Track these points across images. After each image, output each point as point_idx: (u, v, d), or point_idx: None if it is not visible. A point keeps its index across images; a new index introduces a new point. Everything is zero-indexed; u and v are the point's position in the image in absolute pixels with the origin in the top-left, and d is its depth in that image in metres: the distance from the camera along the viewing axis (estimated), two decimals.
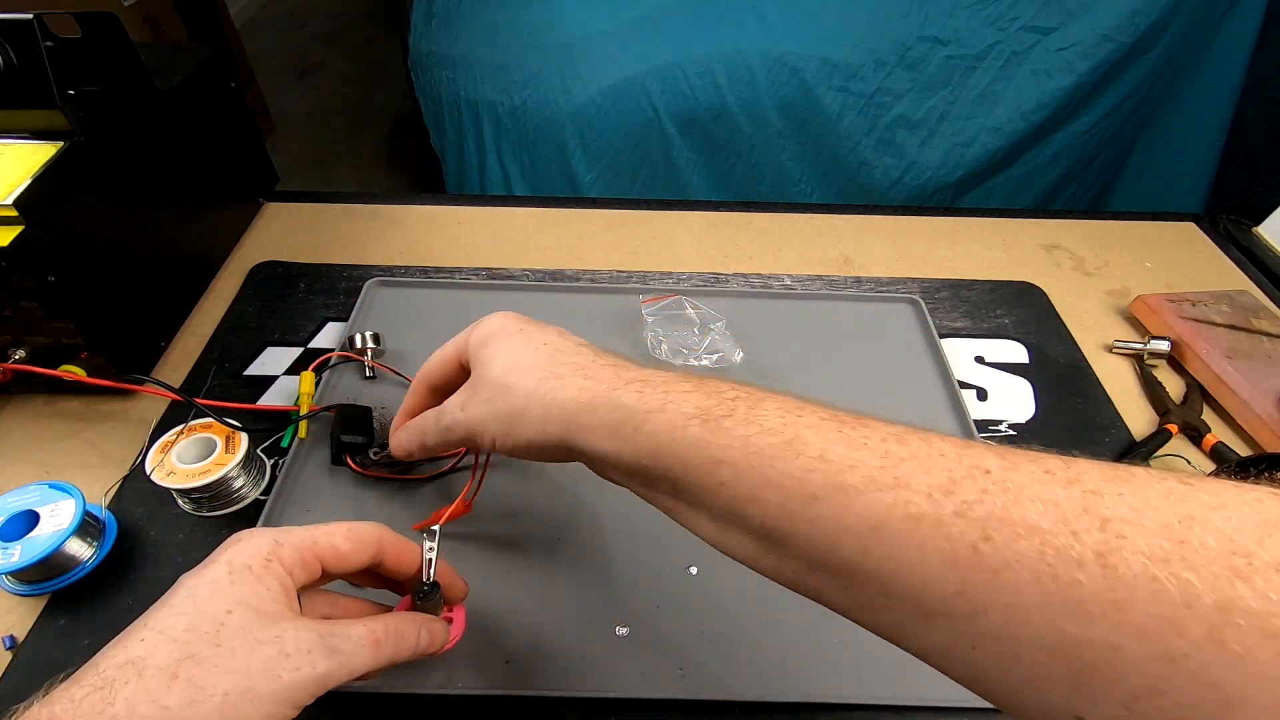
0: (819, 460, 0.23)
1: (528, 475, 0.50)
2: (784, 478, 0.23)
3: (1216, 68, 1.41)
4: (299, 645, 0.26)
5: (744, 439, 0.25)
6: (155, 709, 0.23)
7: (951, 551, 0.20)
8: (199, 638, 0.25)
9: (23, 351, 0.51)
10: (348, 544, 0.31)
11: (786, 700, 0.40)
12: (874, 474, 0.22)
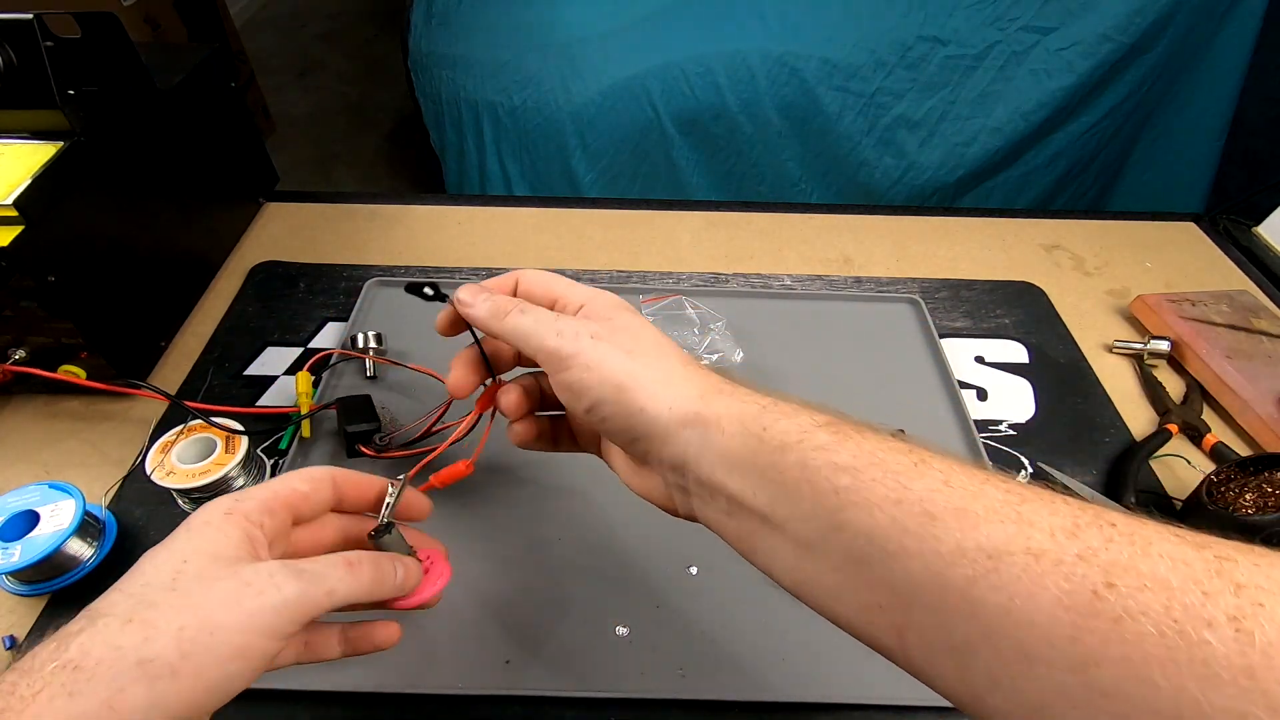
0: (943, 483, 0.23)
1: (528, 476, 0.50)
2: (905, 492, 0.23)
3: (1216, 68, 1.41)
4: (260, 574, 0.25)
5: (871, 450, 0.25)
6: (108, 649, 0.22)
7: (1070, 592, 0.19)
8: (155, 588, 0.24)
9: (23, 351, 0.51)
10: (306, 484, 0.31)
11: (786, 700, 0.40)
12: (997, 505, 0.22)
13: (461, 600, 0.44)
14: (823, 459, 0.25)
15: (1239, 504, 0.45)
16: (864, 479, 0.24)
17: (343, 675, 0.40)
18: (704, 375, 0.31)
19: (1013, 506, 0.22)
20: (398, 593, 0.31)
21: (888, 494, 0.23)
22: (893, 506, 0.23)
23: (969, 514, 0.22)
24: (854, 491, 0.24)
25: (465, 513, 0.48)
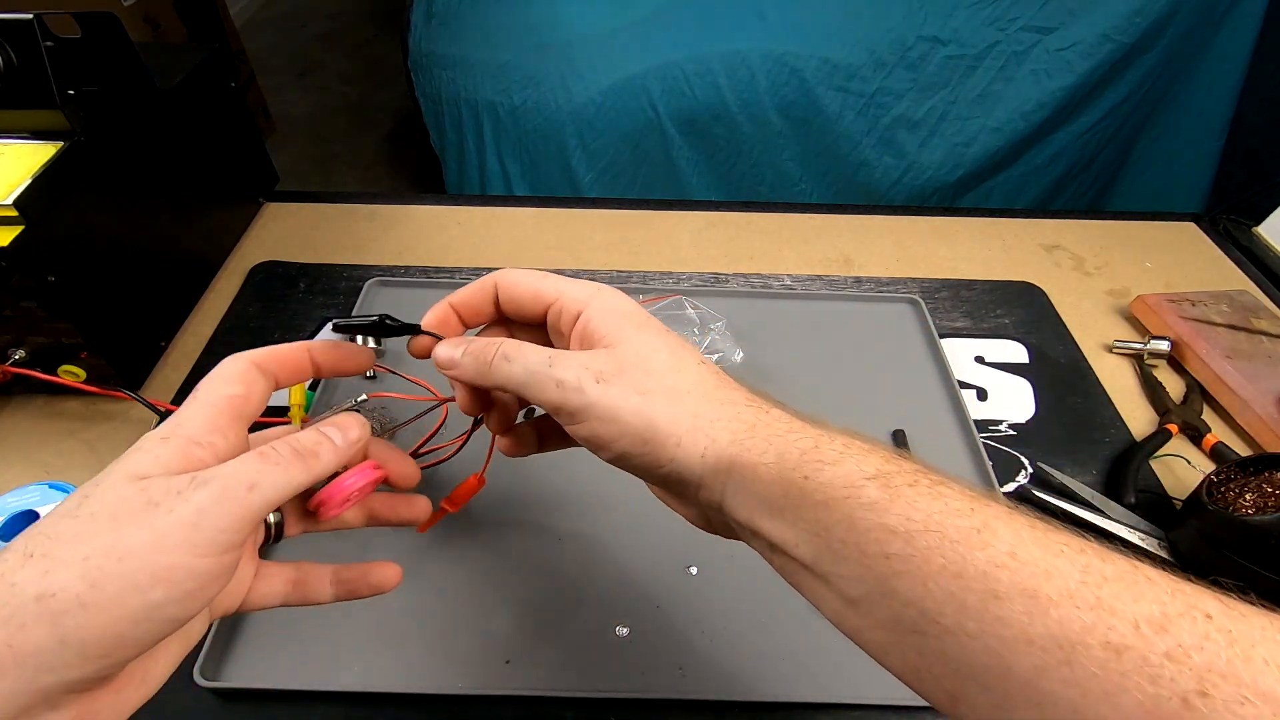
0: (1009, 556, 0.20)
1: (528, 477, 0.50)
2: (965, 565, 0.21)
3: (1216, 68, 1.41)
4: (167, 490, 0.22)
5: (926, 514, 0.22)
6: (3, 587, 0.20)
7: (1155, 696, 0.17)
8: (57, 519, 0.22)
9: (22, 352, 0.51)
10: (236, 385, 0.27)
11: (786, 700, 0.40)
12: (1072, 586, 0.19)
13: (461, 600, 0.44)
14: (871, 520, 0.23)
15: (1239, 504, 0.45)
16: (918, 546, 0.22)
17: (343, 675, 0.40)
18: (734, 407, 0.27)
19: (1091, 589, 0.19)
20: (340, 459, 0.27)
21: (945, 565, 0.21)
22: (951, 580, 0.21)
23: (1040, 597, 0.19)
24: (906, 560, 0.22)
25: (465, 513, 0.48)
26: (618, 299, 0.30)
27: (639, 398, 0.26)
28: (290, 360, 0.29)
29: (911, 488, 0.23)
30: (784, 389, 0.58)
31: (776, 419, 0.27)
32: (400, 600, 0.43)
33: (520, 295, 0.31)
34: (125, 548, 0.21)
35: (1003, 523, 0.22)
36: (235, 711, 0.39)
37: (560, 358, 0.28)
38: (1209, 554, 0.45)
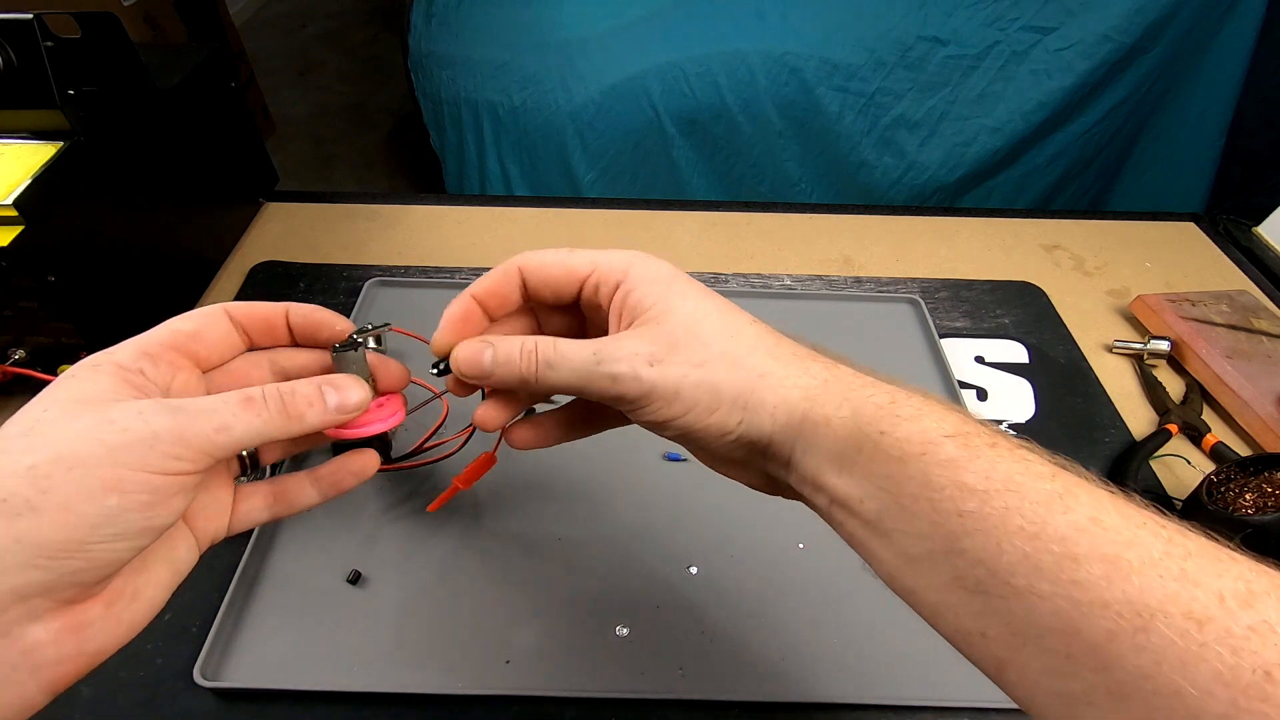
0: (1091, 522, 0.20)
1: (528, 477, 0.50)
2: (1043, 527, 0.20)
3: (1216, 68, 1.41)
4: (128, 412, 0.22)
5: (1007, 474, 0.22)
6: None
7: (1235, 668, 0.17)
8: (9, 438, 0.22)
9: (22, 352, 0.51)
10: (190, 322, 0.27)
11: (786, 700, 0.40)
12: (1155, 556, 0.19)
13: (461, 600, 0.44)
14: (947, 477, 0.22)
15: (1239, 504, 0.45)
16: (995, 505, 0.21)
17: (343, 675, 0.40)
18: (801, 363, 0.26)
19: (1175, 560, 0.19)
20: (327, 422, 0.27)
21: (1023, 526, 0.20)
22: (1027, 541, 0.20)
23: (1120, 563, 0.19)
24: (982, 518, 0.21)
25: (465, 513, 0.48)
26: (656, 265, 0.28)
27: (698, 371, 0.26)
28: (263, 316, 0.29)
29: (992, 448, 0.23)
30: None
31: (846, 374, 0.26)
32: (400, 600, 0.44)
33: (551, 275, 0.29)
34: (74, 458, 0.21)
35: (1085, 491, 0.21)
36: (235, 711, 0.39)
37: (606, 348, 0.26)
38: None
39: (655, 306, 0.27)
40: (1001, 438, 0.23)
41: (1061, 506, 0.21)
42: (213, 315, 0.27)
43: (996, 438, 0.23)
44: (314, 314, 0.30)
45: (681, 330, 0.26)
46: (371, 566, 0.45)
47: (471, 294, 0.30)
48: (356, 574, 0.44)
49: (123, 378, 0.24)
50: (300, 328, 0.30)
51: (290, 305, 0.29)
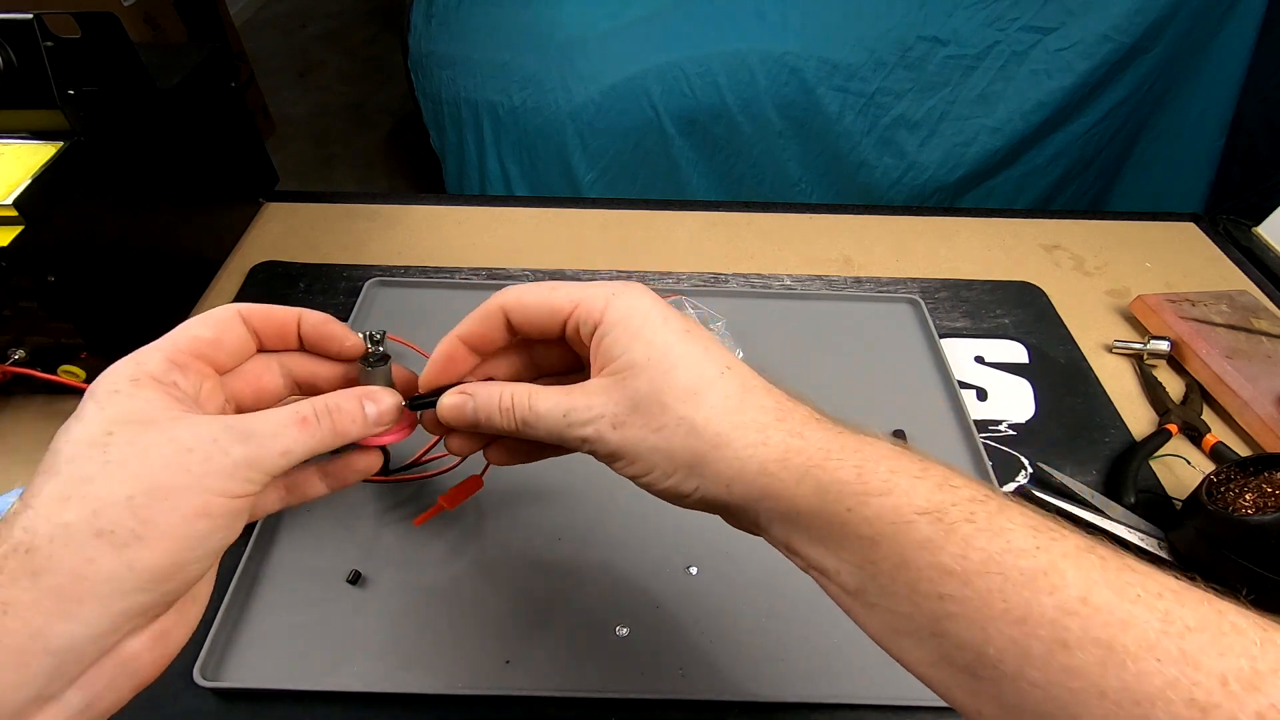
0: (1080, 603, 0.19)
1: (528, 476, 0.50)
2: (1029, 610, 0.19)
3: (1216, 68, 1.41)
4: (201, 437, 0.23)
5: (985, 553, 0.20)
6: (56, 528, 0.21)
7: None
8: (83, 464, 0.22)
9: (22, 352, 0.51)
10: (209, 328, 0.27)
11: (786, 700, 0.40)
12: (1151, 637, 0.18)
13: (461, 600, 0.44)
14: (924, 559, 0.21)
15: (1239, 504, 0.45)
16: (976, 588, 0.20)
17: (343, 675, 0.40)
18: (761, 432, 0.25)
19: (1173, 640, 0.18)
20: (366, 434, 0.28)
21: (1008, 609, 0.20)
22: (1013, 625, 0.19)
23: (1116, 648, 0.18)
24: (962, 602, 0.20)
25: (465, 513, 0.48)
26: (631, 303, 0.27)
27: (655, 436, 0.25)
28: (277, 321, 0.29)
29: (969, 523, 0.21)
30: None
31: (812, 441, 0.24)
32: (400, 600, 0.44)
33: (534, 315, 0.29)
34: (166, 489, 0.22)
35: (1071, 562, 0.20)
36: (235, 711, 0.39)
37: (576, 409, 0.27)
38: (1209, 554, 0.45)
39: (623, 357, 0.26)
40: (979, 505, 0.22)
41: (1047, 586, 0.20)
42: (230, 321, 0.28)
43: (974, 507, 0.22)
44: (326, 325, 0.30)
45: (644, 389, 0.26)
46: (371, 566, 0.45)
47: (457, 335, 0.30)
48: (356, 574, 0.44)
49: (164, 392, 0.25)
50: (310, 337, 0.30)
51: (303, 313, 0.30)
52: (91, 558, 0.21)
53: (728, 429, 0.25)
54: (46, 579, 0.21)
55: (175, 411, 0.24)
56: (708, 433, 0.25)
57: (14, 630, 0.20)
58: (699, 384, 0.26)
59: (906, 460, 0.24)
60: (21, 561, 0.21)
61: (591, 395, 0.27)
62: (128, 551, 0.21)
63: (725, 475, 0.25)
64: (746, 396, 0.26)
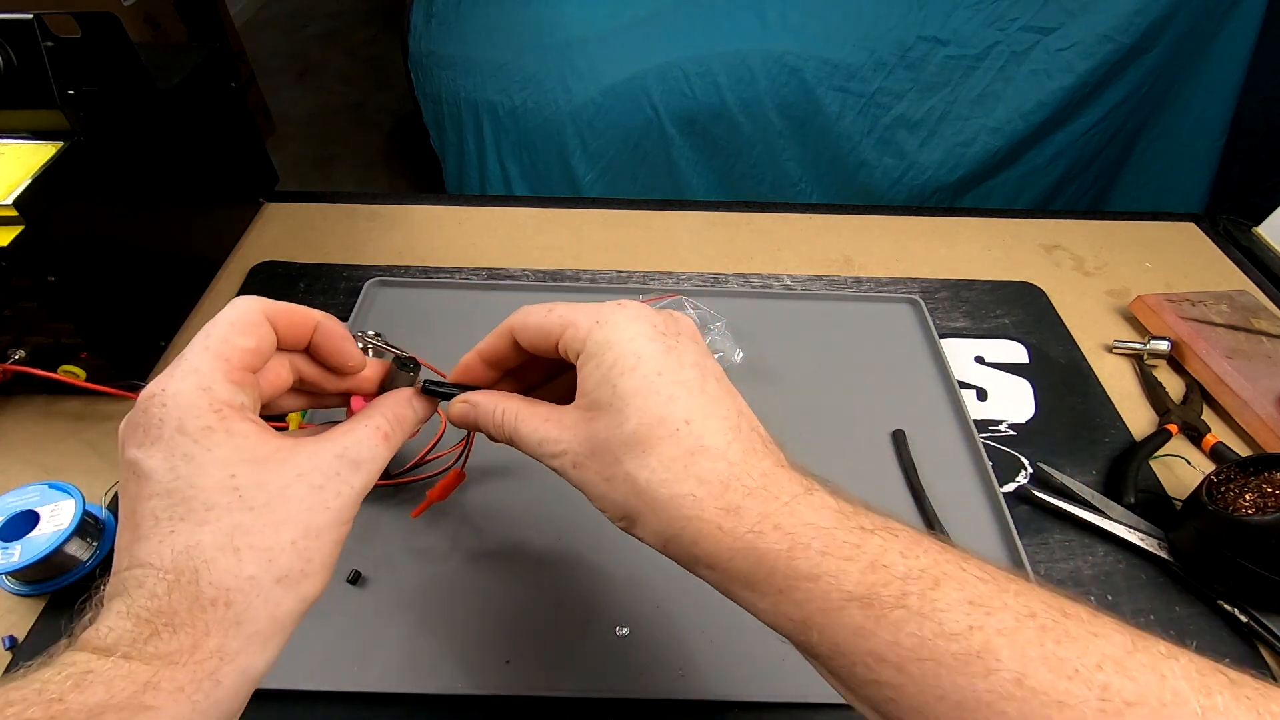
0: (1015, 685, 0.19)
1: (527, 476, 0.50)
2: (965, 696, 0.19)
3: (1216, 68, 1.41)
4: (324, 472, 0.26)
5: (917, 639, 0.20)
6: (241, 580, 0.23)
7: None
8: (228, 510, 0.24)
9: (22, 352, 0.51)
10: (250, 338, 0.27)
11: (786, 700, 0.40)
12: (1089, 717, 0.18)
13: (461, 600, 0.44)
14: (858, 646, 0.21)
15: (1239, 504, 0.45)
16: (912, 674, 0.20)
17: (343, 675, 0.40)
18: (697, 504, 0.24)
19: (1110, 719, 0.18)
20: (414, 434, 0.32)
21: (943, 696, 0.20)
22: (952, 711, 0.19)
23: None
24: (899, 689, 0.20)
25: (465, 514, 0.48)
26: (614, 334, 0.27)
27: (605, 485, 0.26)
28: (297, 324, 0.29)
29: (900, 608, 0.21)
30: (784, 389, 0.58)
31: (746, 519, 0.24)
32: (400, 600, 0.44)
33: (531, 338, 0.30)
34: (317, 528, 0.25)
35: (1007, 640, 0.20)
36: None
37: (548, 441, 0.28)
38: (1209, 554, 0.45)
39: (593, 394, 0.27)
40: (914, 584, 0.21)
41: (981, 669, 0.19)
42: (262, 325, 0.27)
43: (907, 588, 0.21)
44: (342, 343, 0.30)
45: (601, 435, 0.26)
46: (371, 566, 0.45)
47: (478, 352, 0.32)
48: (356, 574, 0.44)
49: (248, 419, 0.26)
50: (321, 347, 0.30)
51: (321, 319, 0.30)
52: (278, 601, 0.24)
53: (665, 498, 0.25)
54: (247, 626, 0.23)
55: (275, 442, 0.26)
56: (647, 496, 0.25)
57: (229, 673, 0.23)
58: (649, 441, 0.25)
59: (843, 535, 0.23)
60: (221, 616, 0.23)
61: (563, 429, 0.28)
62: (300, 588, 0.25)
63: (661, 537, 0.25)
64: (693, 462, 0.25)
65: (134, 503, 0.24)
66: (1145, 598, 0.47)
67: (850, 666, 0.22)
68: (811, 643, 0.23)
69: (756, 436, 0.26)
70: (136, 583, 0.23)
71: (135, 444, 0.24)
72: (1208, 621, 0.45)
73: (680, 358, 0.27)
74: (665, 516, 0.25)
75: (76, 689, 0.20)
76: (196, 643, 0.22)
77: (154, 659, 0.22)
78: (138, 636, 0.22)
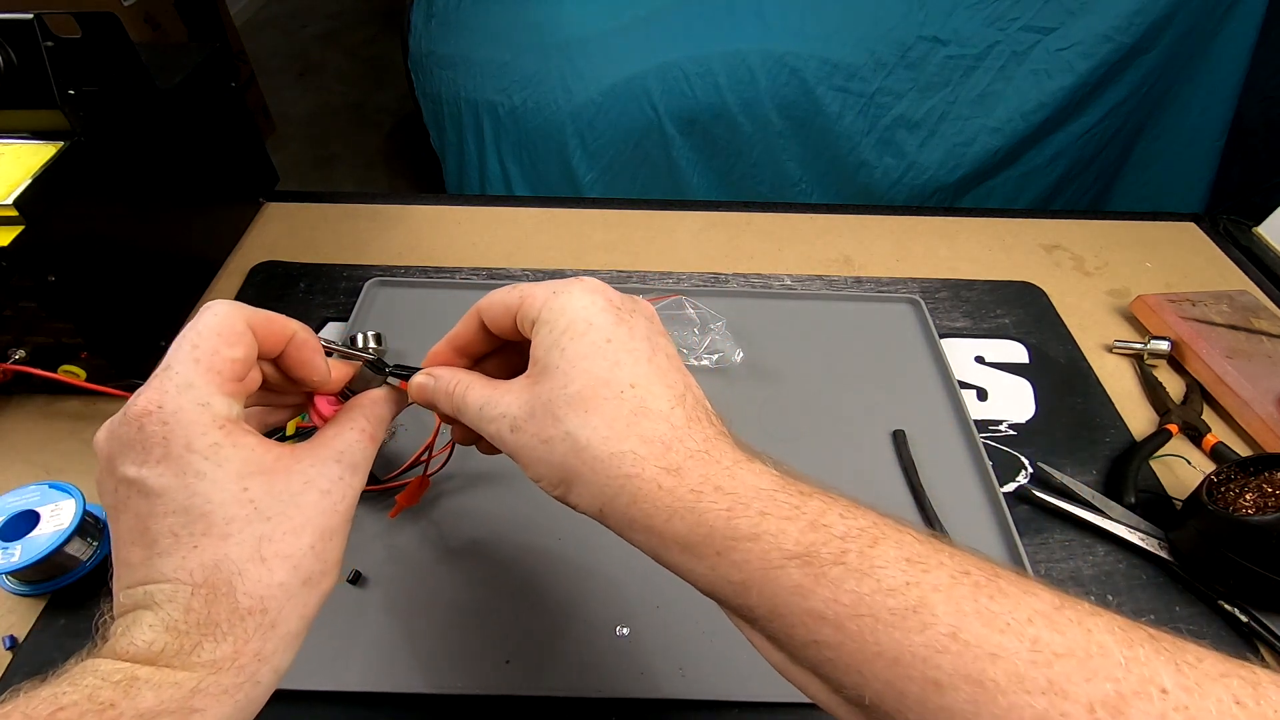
0: (950, 639, 0.19)
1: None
2: (901, 651, 0.20)
3: (1216, 68, 1.41)
4: (329, 477, 0.27)
5: (855, 595, 0.20)
6: (272, 588, 0.24)
7: None
8: (248, 522, 0.25)
9: (23, 352, 0.51)
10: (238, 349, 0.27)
11: (786, 700, 0.40)
12: (1020, 669, 0.18)
13: (461, 600, 0.44)
14: (796, 605, 0.21)
15: (1239, 504, 0.45)
16: (848, 631, 0.20)
17: (343, 675, 0.40)
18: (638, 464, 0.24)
19: (1040, 669, 0.18)
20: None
21: (880, 652, 0.20)
22: (887, 668, 0.20)
23: (985, 683, 0.18)
24: (837, 647, 0.21)
25: (465, 514, 0.48)
26: (568, 302, 0.27)
27: (542, 447, 0.26)
28: (275, 334, 0.29)
29: (838, 564, 0.21)
30: (784, 389, 0.58)
31: (687, 479, 0.24)
32: (400, 600, 0.44)
33: (493, 314, 0.30)
34: (330, 530, 0.27)
35: (943, 595, 0.20)
36: None
37: (490, 403, 0.28)
38: (1209, 554, 0.45)
39: (540, 361, 0.27)
40: (853, 543, 0.22)
41: (917, 624, 0.20)
42: (246, 335, 0.27)
43: (846, 545, 0.21)
44: (313, 354, 0.30)
45: (543, 397, 0.26)
46: (371, 566, 0.45)
47: (447, 340, 0.32)
48: (356, 574, 0.44)
49: (245, 430, 0.26)
50: (292, 355, 0.30)
51: (297, 330, 0.30)
52: (306, 602, 0.26)
53: (604, 455, 0.24)
54: (281, 628, 0.25)
55: (275, 451, 0.26)
56: (586, 455, 0.25)
57: (266, 673, 0.25)
58: (592, 401, 0.25)
59: (784, 497, 0.23)
60: (258, 623, 0.24)
61: (507, 393, 0.28)
62: (320, 587, 0.26)
63: (598, 500, 0.25)
64: (635, 422, 0.25)
65: (144, 520, 0.24)
66: (1145, 598, 0.47)
67: (789, 628, 0.22)
68: (750, 605, 0.23)
69: (701, 410, 0.27)
70: (166, 597, 0.24)
71: (135, 462, 0.25)
72: (1208, 621, 0.45)
73: (632, 330, 0.27)
74: (604, 475, 0.25)
75: (127, 696, 0.21)
76: (238, 649, 0.24)
77: (199, 666, 0.23)
78: (182, 648, 0.23)
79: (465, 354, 0.32)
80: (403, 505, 0.43)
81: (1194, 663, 0.18)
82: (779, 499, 0.23)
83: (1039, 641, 0.19)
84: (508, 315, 0.29)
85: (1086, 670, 0.18)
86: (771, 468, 0.25)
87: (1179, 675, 0.18)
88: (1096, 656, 0.18)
